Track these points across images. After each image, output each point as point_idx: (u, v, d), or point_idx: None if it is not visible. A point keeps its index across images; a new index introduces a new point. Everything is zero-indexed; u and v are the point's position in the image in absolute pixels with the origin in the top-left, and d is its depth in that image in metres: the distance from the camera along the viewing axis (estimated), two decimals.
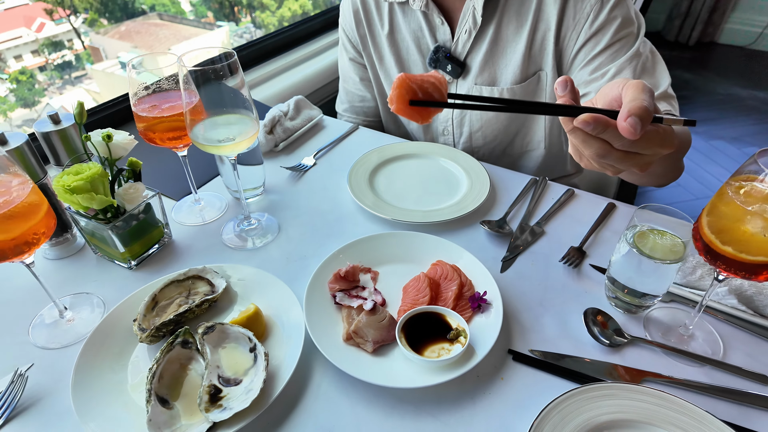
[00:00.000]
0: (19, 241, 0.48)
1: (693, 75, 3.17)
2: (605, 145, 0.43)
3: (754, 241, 0.44)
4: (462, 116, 0.91)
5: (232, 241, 0.72)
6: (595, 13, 0.73)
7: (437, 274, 0.62)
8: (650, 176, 0.70)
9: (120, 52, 8.76)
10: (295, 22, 1.22)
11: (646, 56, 0.75)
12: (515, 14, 0.78)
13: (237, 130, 0.61)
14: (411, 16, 0.86)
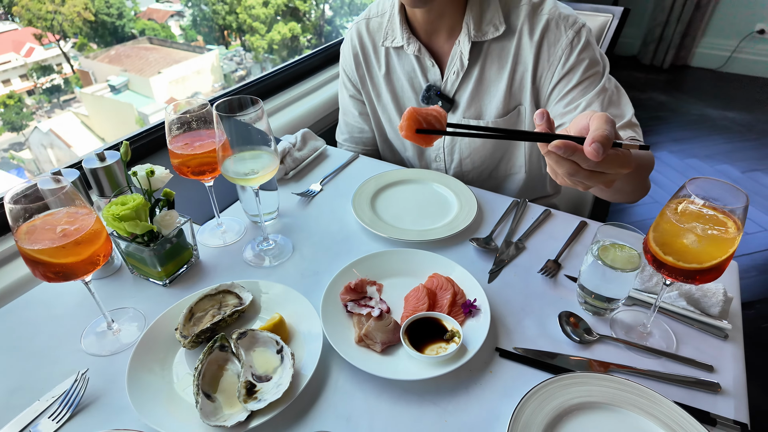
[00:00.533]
0: (86, 263, 0.57)
1: (668, 97, 3.36)
2: (574, 165, 0.54)
3: (688, 251, 0.55)
4: (452, 145, 1.02)
5: (253, 260, 0.81)
6: (566, 57, 0.85)
7: (434, 285, 0.72)
8: (618, 192, 0.80)
9: (110, 76, 8.74)
10: (297, 59, 1.34)
11: (611, 91, 0.86)
12: (497, 57, 0.90)
13: (260, 164, 0.72)
14: (405, 59, 0.98)
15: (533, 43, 0.86)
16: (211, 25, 9.55)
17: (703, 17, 3.54)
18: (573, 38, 0.84)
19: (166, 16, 9.05)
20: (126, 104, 7.77)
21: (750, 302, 1.85)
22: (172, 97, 8.25)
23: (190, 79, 8.61)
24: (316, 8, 9.22)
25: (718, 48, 3.68)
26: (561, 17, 0.85)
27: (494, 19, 0.87)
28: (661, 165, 2.67)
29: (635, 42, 3.89)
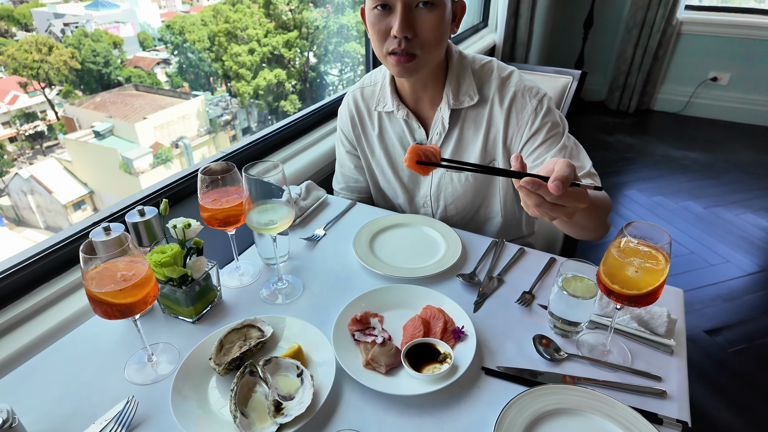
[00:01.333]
0: (140, 303, 0.69)
1: (634, 139, 3.63)
2: (540, 198, 0.67)
3: (630, 281, 0.69)
4: (438, 193, 1.17)
5: (269, 298, 0.93)
6: (531, 121, 1.02)
7: (427, 315, 0.84)
8: (581, 228, 0.93)
9: (94, 122, 8.82)
10: (296, 118, 1.50)
11: (571, 147, 1.02)
12: (473, 122, 1.07)
13: (279, 216, 0.85)
14: (395, 121, 1.14)
15: (503, 111, 1.03)
16: (197, 72, 9.81)
17: (661, 67, 3.88)
18: (536, 106, 1.01)
19: (153, 64, 9.31)
20: (110, 149, 7.85)
21: (717, 329, 1.99)
22: (157, 141, 8.38)
23: (176, 124, 8.77)
24: (301, 56, 9.61)
25: (677, 94, 4.00)
26: (526, 89, 1.03)
27: (469, 91, 1.04)
28: (630, 203, 2.87)
29: (602, 89, 4.21)
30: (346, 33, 9.30)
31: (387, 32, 0.93)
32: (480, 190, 1.15)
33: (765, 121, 3.81)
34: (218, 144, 9.20)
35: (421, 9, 0.91)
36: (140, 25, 9.39)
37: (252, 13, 9.52)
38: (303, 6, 9.60)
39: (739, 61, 3.72)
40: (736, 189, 2.99)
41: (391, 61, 0.96)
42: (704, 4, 3.85)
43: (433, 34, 0.93)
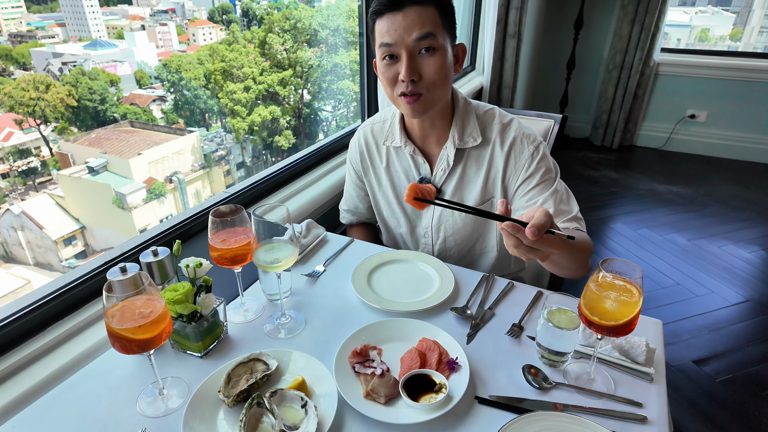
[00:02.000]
0: (156, 338, 0.74)
1: (618, 174, 3.76)
2: (518, 240, 0.76)
3: (607, 312, 0.76)
4: (439, 225, 1.25)
5: (273, 333, 0.98)
6: (528, 165, 1.12)
7: (423, 347, 0.90)
8: (561, 268, 1.01)
9: (89, 158, 8.87)
10: (297, 158, 1.58)
11: (562, 192, 1.12)
12: (475, 161, 1.17)
13: (284, 254, 0.91)
14: (402, 156, 1.24)
15: (503, 153, 1.14)
16: (192, 108, 10.00)
17: (641, 105, 4.07)
18: (533, 151, 1.12)
19: (149, 101, 9.50)
20: (103, 185, 7.89)
21: (704, 359, 2.04)
22: (151, 177, 8.45)
23: (170, 160, 8.87)
24: (295, 93, 9.87)
25: (658, 130, 4.18)
26: (525, 135, 1.14)
27: (473, 132, 1.15)
28: (617, 236, 2.96)
29: (586, 126, 4.39)
30: (339, 71, 9.62)
31: (396, 78, 1.05)
32: (478, 225, 1.23)
33: (741, 155, 3.98)
34: (212, 178, 9.26)
35: (423, 55, 1.02)
36: (138, 64, 9.63)
37: (248, 52, 9.83)
38: (297, 46, 9.94)
39: (714, 100, 3.92)
40: (717, 222, 3.10)
41: (402, 102, 1.08)
42: (679, 47, 4.08)
43: (436, 75, 1.04)
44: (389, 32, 1.01)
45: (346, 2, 8.21)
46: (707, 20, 6.11)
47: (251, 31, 10.18)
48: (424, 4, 0.99)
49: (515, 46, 3.04)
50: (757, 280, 2.56)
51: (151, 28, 10.02)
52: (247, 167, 9.80)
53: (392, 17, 1.00)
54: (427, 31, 0.99)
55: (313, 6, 9.96)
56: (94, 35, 9.43)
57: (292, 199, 1.52)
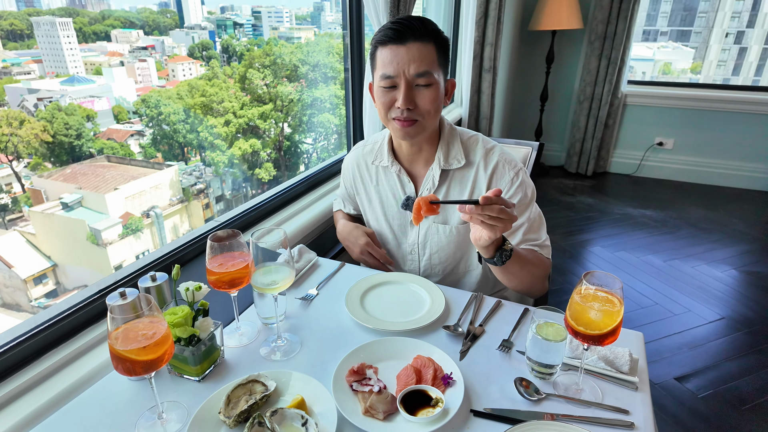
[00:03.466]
0: (159, 359, 0.75)
1: (594, 199, 3.90)
2: (498, 206, 0.88)
3: (592, 322, 0.81)
4: (425, 242, 1.30)
5: (269, 356, 0.99)
6: (507, 188, 1.21)
7: (418, 364, 0.92)
8: (515, 278, 1.12)
9: (63, 194, 8.72)
10: (287, 186, 1.63)
11: (534, 218, 1.21)
12: (459, 182, 1.25)
13: (280, 276, 0.94)
14: (389, 175, 1.31)
15: (486, 175, 1.22)
16: (171, 142, 9.96)
17: (612, 134, 4.26)
18: (513, 177, 1.21)
19: (126, 136, 9.41)
20: (78, 221, 7.70)
21: (685, 376, 2.10)
22: (127, 212, 8.31)
23: (148, 194, 8.76)
24: (276, 126, 9.96)
25: (629, 157, 4.37)
26: (506, 161, 1.22)
27: (458, 156, 1.24)
28: (596, 258, 3.05)
29: (561, 154, 4.56)
30: (319, 105, 9.80)
31: (392, 103, 1.14)
32: (461, 244, 1.28)
33: (708, 180, 4.18)
34: (191, 212, 9.19)
35: (420, 87, 1.12)
36: (116, 99, 9.60)
37: (228, 87, 9.93)
38: (278, 81, 10.12)
39: (680, 128, 4.14)
40: (689, 243, 3.23)
41: (395, 125, 1.16)
42: (645, 79, 4.32)
43: (430, 106, 1.13)
44: (391, 64, 1.10)
45: (326, 39, 8.48)
46: (669, 54, 6.49)
47: (231, 67, 10.35)
48: (424, 41, 1.09)
49: (491, 79, 3.19)
50: (730, 297, 2.66)
51: (130, 64, 10.07)
52: (226, 200, 9.76)
53: (395, 49, 1.09)
54: (425, 70, 1.10)
55: (293, 43, 10.23)
56: (72, 71, 9.41)
57: (284, 224, 1.55)
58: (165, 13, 9.60)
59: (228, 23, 9.65)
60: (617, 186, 4.21)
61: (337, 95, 6.79)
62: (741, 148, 4.02)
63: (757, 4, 6.14)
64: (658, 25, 6.78)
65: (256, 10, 9.66)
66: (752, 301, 2.62)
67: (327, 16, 8.60)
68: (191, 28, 9.44)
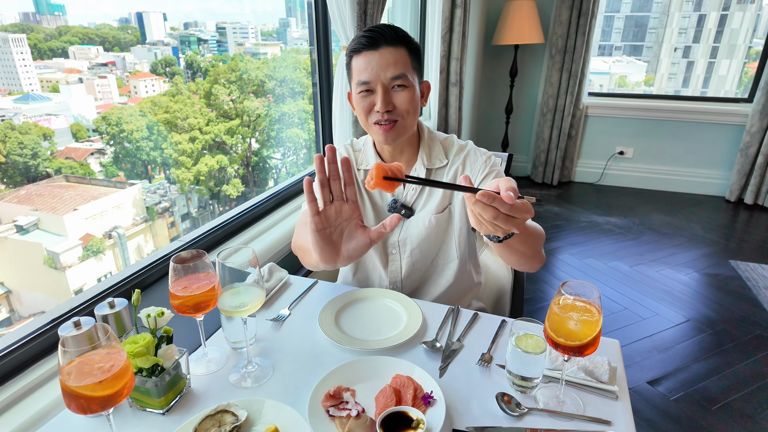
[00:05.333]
0: (118, 394, 0.69)
1: (560, 208, 3.98)
2: (495, 210, 0.75)
3: (572, 333, 0.79)
4: (405, 238, 1.29)
5: (239, 383, 0.94)
6: (483, 167, 1.23)
7: (397, 384, 0.89)
8: (520, 255, 1.02)
9: (17, 216, 8.42)
10: (255, 202, 1.58)
11: None
12: (438, 177, 1.27)
13: (250, 298, 0.89)
14: None
15: (460, 161, 1.26)
16: (134, 160, 9.74)
17: (575, 144, 4.39)
18: (486, 159, 1.25)
19: (86, 155, 9.12)
20: (34, 244, 7.34)
21: (657, 379, 2.13)
22: (88, 233, 7.99)
23: (109, 214, 8.47)
24: (243, 142, 9.87)
25: (592, 166, 4.50)
26: (476, 150, 1.28)
27: (439, 155, 1.27)
28: (565, 266, 3.10)
29: (527, 165, 4.66)
30: (287, 120, 9.77)
31: (371, 108, 1.16)
32: (439, 233, 1.29)
33: (667, 187, 4.34)
34: (155, 231, 8.94)
35: (396, 89, 1.14)
36: (74, 117, 9.30)
37: (193, 103, 9.79)
38: (244, 96, 10.06)
39: (638, 138, 4.30)
40: (653, 248, 3.33)
41: (376, 130, 1.17)
42: (602, 91, 4.48)
43: (408, 106, 1.15)
44: (366, 70, 1.12)
45: (292, 55, 8.51)
46: (623, 68, 6.79)
47: (196, 83, 10.22)
48: (397, 46, 1.13)
49: (458, 93, 3.23)
50: (694, 300, 2.74)
51: (89, 80, 9.83)
52: (192, 218, 9.57)
53: (369, 55, 1.12)
54: (399, 72, 1.12)
55: (259, 58, 10.21)
56: (26, 89, 9.11)
57: (252, 242, 1.50)
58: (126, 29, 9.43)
59: (192, 39, 9.56)
60: (582, 194, 4.32)
61: (305, 110, 6.75)
62: (695, 155, 4.20)
63: (702, 21, 6.52)
64: (613, 40, 7.10)
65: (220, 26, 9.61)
66: (714, 303, 2.71)
67: (293, 32, 8.59)
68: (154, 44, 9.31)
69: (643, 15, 7.17)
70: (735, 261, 3.14)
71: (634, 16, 7.23)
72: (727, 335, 2.43)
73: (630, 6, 7.23)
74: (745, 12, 6.17)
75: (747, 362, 2.23)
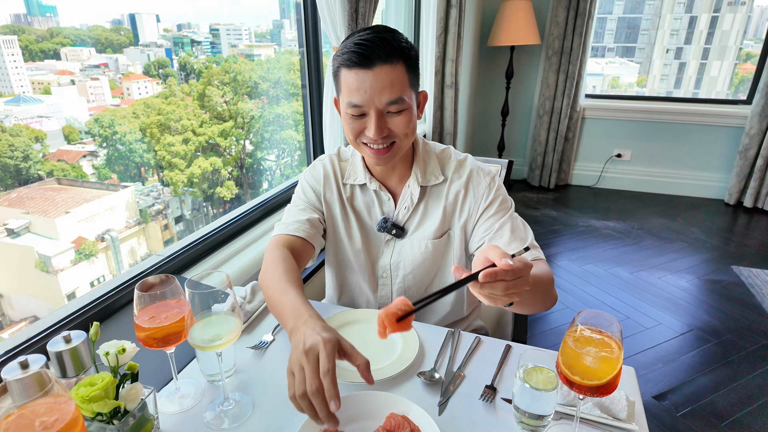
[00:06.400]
0: None
1: (557, 212, 3.91)
2: (503, 282, 0.71)
3: (589, 371, 0.70)
4: (398, 262, 1.19)
5: (214, 423, 0.84)
6: (486, 194, 1.13)
7: (392, 425, 0.79)
8: (531, 307, 0.99)
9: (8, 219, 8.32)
10: (235, 216, 1.48)
11: (517, 221, 1.13)
12: (436, 197, 1.16)
13: (225, 329, 0.79)
14: (366, 192, 1.19)
15: (462, 185, 1.14)
16: (127, 163, 9.62)
17: (572, 147, 4.31)
18: (489, 182, 1.14)
19: (78, 157, 9.00)
20: (25, 248, 7.21)
21: (662, 393, 2.05)
22: (80, 236, 7.87)
23: (102, 217, 8.36)
24: (237, 144, 9.77)
25: (590, 169, 4.43)
26: (479, 169, 1.16)
27: (435, 171, 1.16)
28: (564, 273, 3.02)
29: (523, 168, 4.58)
30: (282, 122, 9.70)
31: (361, 131, 1.04)
32: (437, 259, 1.19)
33: (665, 190, 4.28)
34: (149, 234, 8.83)
35: (392, 114, 1.02)
36: (66, 119, 9.17)
37: (186, 105, 9.67)
38: (238, 98, 9.95)
39: (636, 140, 4.23)
40: (653, 254, 3.25)
41: (367, 152, 1.06)
42: (596, 93, 4.42)
43: (404, 129, 1.04)
44: (359, 92, 0.98)
45: (286, 56, 8.43)
46: (616, 69, 6.76)
47: (189, 85, 10.09)
48: (392, 62, 0.98)
49: (453, 95, 3.14)
50: (697, 308, 2.66)
51: (81, 82, 9.71)
52: (186, 220, 9.45)
53: (361, 75, 0.98)
54: (396, 97, 0.99)
55: (252, 60, 10.12)
56: (17, 90, 8.99)
57: (233, 258, 1.40)
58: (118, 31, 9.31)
59: (185, 41, 9.42)
60: (579, 198, 4.25)
61: (299, 112, 6.59)
62: (694, 158, 4.14)
63: (693, 22, 6.50)
64: (605, 42, 7.06)
65: (214, 27, 9.54)
66: (717, 311, 2.64)
67: (287, 34, 8.53)
68: (146, 45, 9.17)
69: (635, 17, 7.14)
70: (737, 267, 3.07)
71: (626, 17, 7.20)
72: (733, 345, 2.35)
73: (622, 8, 7.21)
74: (735, 14, 6.14)
75: (755, 374, 2.15)
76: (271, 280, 0.99)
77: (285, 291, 0.94)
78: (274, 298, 0.96)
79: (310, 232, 1.15)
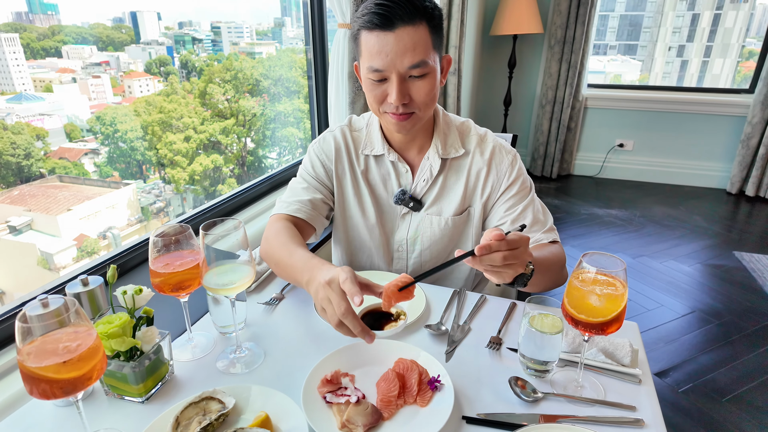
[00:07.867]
0: (85, 377, 0.61)
1: (560, 201, 3.92)
2: (500, 253, 0.74)
3: (594, 309, 0.72)
4: (415, 237, 1.18)
5: (227, 369, 0.86)
6: (508, 174, 1.13)
7: (401, 368, 0.81)
8: (542, 285, 1.02)
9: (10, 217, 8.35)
10: (250, 185, 1.50)
11: (537, 205, 1.14)
12: (455, 171, 1.15)
13: (238, 275, 0.81)
14: (381, 164, 1.17)
15: (484, 163, 1.13)
16: (128, 160, 9.65)
17: (575, 136, 4.32)
18: (512, 160, 1.14)
19: (80, 155, 9.03)
20: (27, 245, 7.26)
21: (665, 371, 2.07)
22: (82, 234, 7.91)
23: (104, 215, 8.40)
24: (238, 141, 9.80)
25: (592, 159, 4.44)
26: (501, 146, 1.15)
27: (455, 144, 1.14)
28: (569, 259, 3.02)
29: (526, 158, 4.59)
30: (283, 119, 9.74)
31: (383, 98, 1.00)
32: (455, 235, 1.19)
33: (667, 179, 4.29)
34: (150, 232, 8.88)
35: (414, 78, 0.98)
36: (68, 117, 9.21)
37: (187, 103, 9.70)
38: (239, 96, 9.98)
39: (639, 130, 4.24)
40: (656, 240, 3.27)
41: (389, 119, 1.03)
42: (602, 83, 4.42)
43: (427, 97, 1.00)
44: (380, 55, 0.95)
45: (287, 54, 8.45)
46: (618, 67, 6.76)
47: (191, 82, 10.11)
48: (415, 23, 0.93)
49: (456, 83, 3.16)
50: (699, 291, 2.68)
51: (83, 80, 9.74)
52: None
53: (383, 37, 0.94)
54: (419, 60, 0.95)
55: (254, 58, 10.14)
56: (19, 88, 9.03)
57: (246, 225, 1.41)
58: (120, 29, 9.32)
59: (187, 39, 9.44)
60: (582, 187, 4.26)
61: (300, 109, 6.71)
62: (696, 147, 4.15)
63: (696, 20, 6.50)
64: (607, 39, 7.06)
65: (215, 25, 9.57)
66: (719, 294, 2.65)
67: (288, 32, 8.55)
68: (148, 43, 9.18)
69: (637, 14, 7.14)
70: (739, 252, 3.08)
71: (628, 15, 7.19)
72: (734, 326, 2.36)
73: (624, 5, 7.20)
74: (738, 11, 6.15)
75: (755, 353, 2.17)
76: (276, 247, 1.02)
77: (292, 252, 0.97)
78: (283, 260, 0.99)
79: (312, 214, 1.14)
